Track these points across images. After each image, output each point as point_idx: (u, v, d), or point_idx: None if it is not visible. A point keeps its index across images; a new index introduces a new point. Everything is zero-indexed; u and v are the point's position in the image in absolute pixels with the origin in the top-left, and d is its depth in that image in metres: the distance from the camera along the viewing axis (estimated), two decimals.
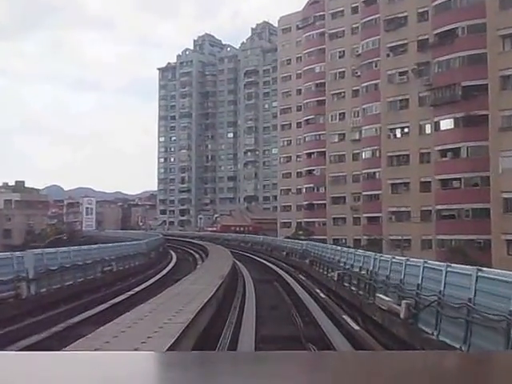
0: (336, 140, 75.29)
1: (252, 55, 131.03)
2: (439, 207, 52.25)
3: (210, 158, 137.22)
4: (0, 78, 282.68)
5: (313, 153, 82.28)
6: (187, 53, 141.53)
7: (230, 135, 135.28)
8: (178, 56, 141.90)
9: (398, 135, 59.68)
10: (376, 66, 64.91)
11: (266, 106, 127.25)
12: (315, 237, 69.41)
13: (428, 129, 55.51)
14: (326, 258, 31.17)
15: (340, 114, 75.02)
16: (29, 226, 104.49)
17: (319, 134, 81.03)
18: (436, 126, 53.09)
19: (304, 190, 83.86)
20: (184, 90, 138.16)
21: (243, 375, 1.69)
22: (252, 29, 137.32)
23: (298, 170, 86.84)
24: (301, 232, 77.99)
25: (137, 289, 26.08)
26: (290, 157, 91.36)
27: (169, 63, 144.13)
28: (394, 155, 59.38)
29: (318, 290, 27.49)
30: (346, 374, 1.75)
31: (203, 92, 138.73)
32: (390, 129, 59.83)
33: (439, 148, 52.50)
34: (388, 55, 60.27)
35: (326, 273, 29.87)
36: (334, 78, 76.08)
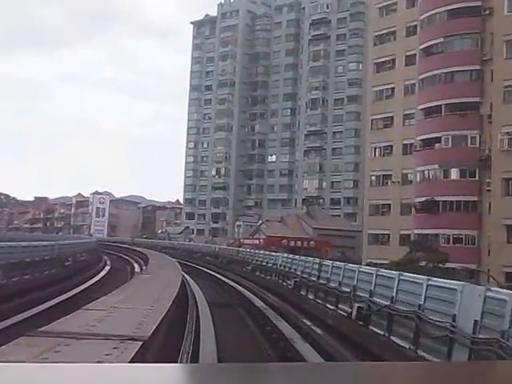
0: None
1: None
2: None
3: (256, 143, 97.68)
4: (58, 82, 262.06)
5: (438, 107, 43.33)
6: (232, 0, 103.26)
7: (287, 112, 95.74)
8: (220, 5, 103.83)
9: None
10: None
11: (340, 69, 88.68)
12: (451, 265, 32.71)
13: None
14: None
15: None
16: None
17: (451, 72, 42.46)
18: None
19: (418, 175, 45.50)
20: (225, 49, 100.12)
21: None
22: None
23: (407, 141, 48.03)
24: (422, 253, 38.19)
25: None
26: (391, 118, 51.54)
27: (207, 15, 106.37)
28: None
29: None
30: None
31: (252, 53, 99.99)
32: None
33: None
34: None
35: None
36: None
